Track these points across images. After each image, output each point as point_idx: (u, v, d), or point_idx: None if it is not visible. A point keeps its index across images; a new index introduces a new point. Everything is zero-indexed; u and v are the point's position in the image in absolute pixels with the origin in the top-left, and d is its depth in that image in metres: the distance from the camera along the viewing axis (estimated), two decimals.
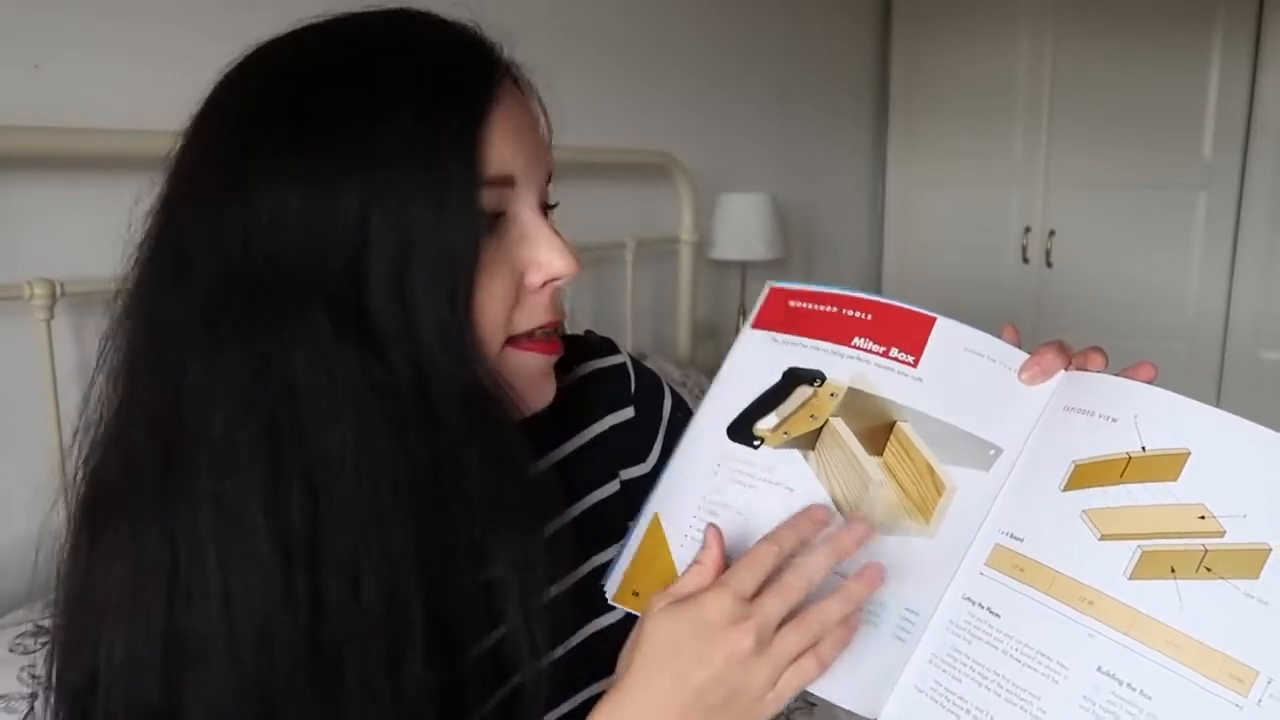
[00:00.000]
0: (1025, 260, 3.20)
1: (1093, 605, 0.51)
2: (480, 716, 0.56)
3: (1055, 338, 0.61)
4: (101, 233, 1.44)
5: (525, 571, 0.54)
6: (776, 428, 0.61)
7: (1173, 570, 0.49)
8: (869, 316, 0.62)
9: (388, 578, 0.50)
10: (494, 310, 0.54)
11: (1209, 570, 0.49)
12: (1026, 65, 3.13)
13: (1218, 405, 0.53)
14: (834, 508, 0.58)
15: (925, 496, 0.58)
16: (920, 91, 3.34)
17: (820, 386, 0.61)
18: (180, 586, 0.50)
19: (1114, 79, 2.99)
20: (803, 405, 0.61)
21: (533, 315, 0.57)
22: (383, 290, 0.50)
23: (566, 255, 0.56)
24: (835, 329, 0.63)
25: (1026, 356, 0.60)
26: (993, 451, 0.58)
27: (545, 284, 0.56)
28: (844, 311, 0.63)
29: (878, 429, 0.59)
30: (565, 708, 0.65)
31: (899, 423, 0.59)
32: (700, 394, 0.67)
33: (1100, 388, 0.57)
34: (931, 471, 0.58)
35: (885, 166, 3.46)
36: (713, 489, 0.61)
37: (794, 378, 0.62)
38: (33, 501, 0.64)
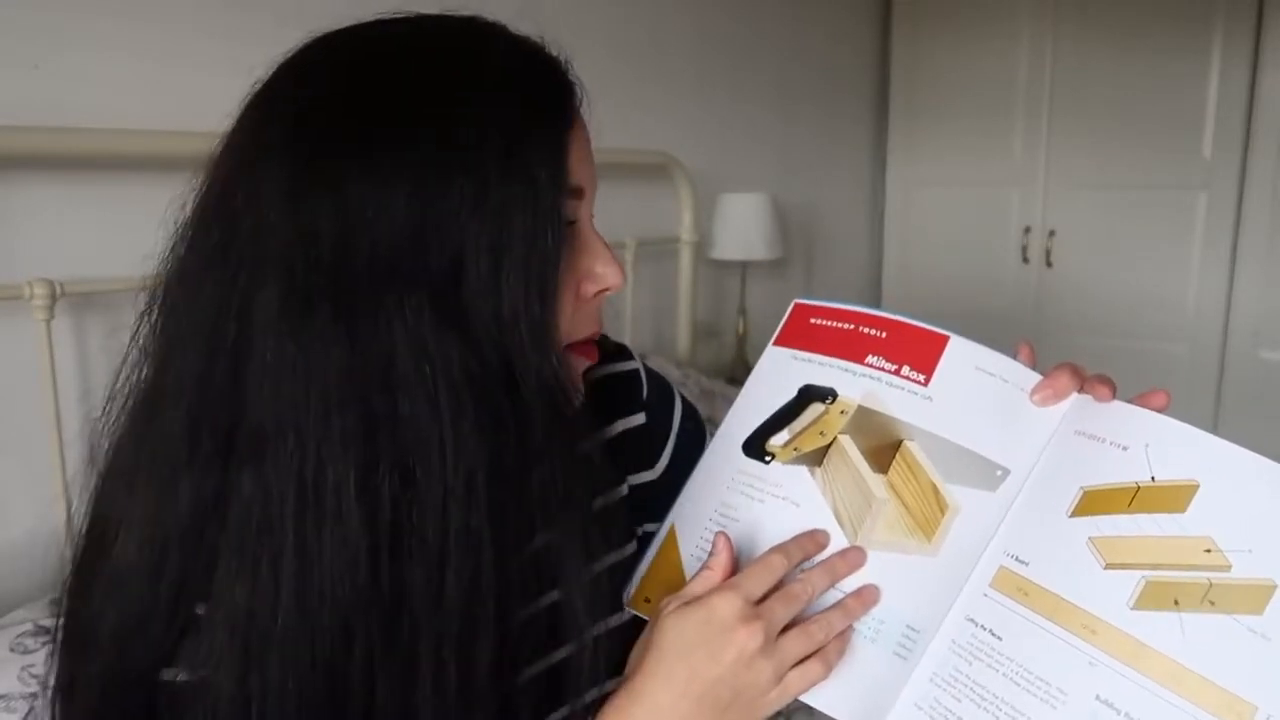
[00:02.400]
0: (1025, 260, 3.20)
1: (1095, 634, 0.51)
2: (528, 688, 0.58)
3: (1055, 338, 0.62)
4: (101, 233, 1.44)
5: (582, 551, 0.56)
6: (787, 444, 0.62)
7: (1176, 602, 0.49)
8: (883, 334, 0.63)
9: (470, 567, 0.51)
10: (562, 315, 0.56)
11: (1213, 604, 0.49)
12: (1026, 65, 3.13)
13: (1218, 406, 0.53)
14: (836, 524, 0.59)
15: (928, 515, 0.58)
16: (920, 91, 3.34)
17: (832, 404, 0.62)
18: (247, 565, 0.50)
19: (1114, 79, 2.98)
20: (814, 422, 0.62)
21: (585, 324, 0.59)
22: (479, 287, 0.51)
23: (618, 269, 0.59)
24: (850, 346, 0.64)
25: (1039, 377, 0.60)
26: (1000, 472, 0.58)
27: (596, 294, 0.59)
28: (860, 329, 0.64)
29: (884, 447, 0.60)
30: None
31: (905, 441, 0.60)
32: (700, 394, 0.68)
33: (1113, 414, 0.57)
34: (935, 491, 0.58)
35: (885, 166, 3.46)
36: (725, 503, 0.63)
37: (808, 395, 0.64)
38: (33, 501, 0.64)
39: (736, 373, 2.60)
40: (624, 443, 0.71)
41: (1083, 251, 3.11)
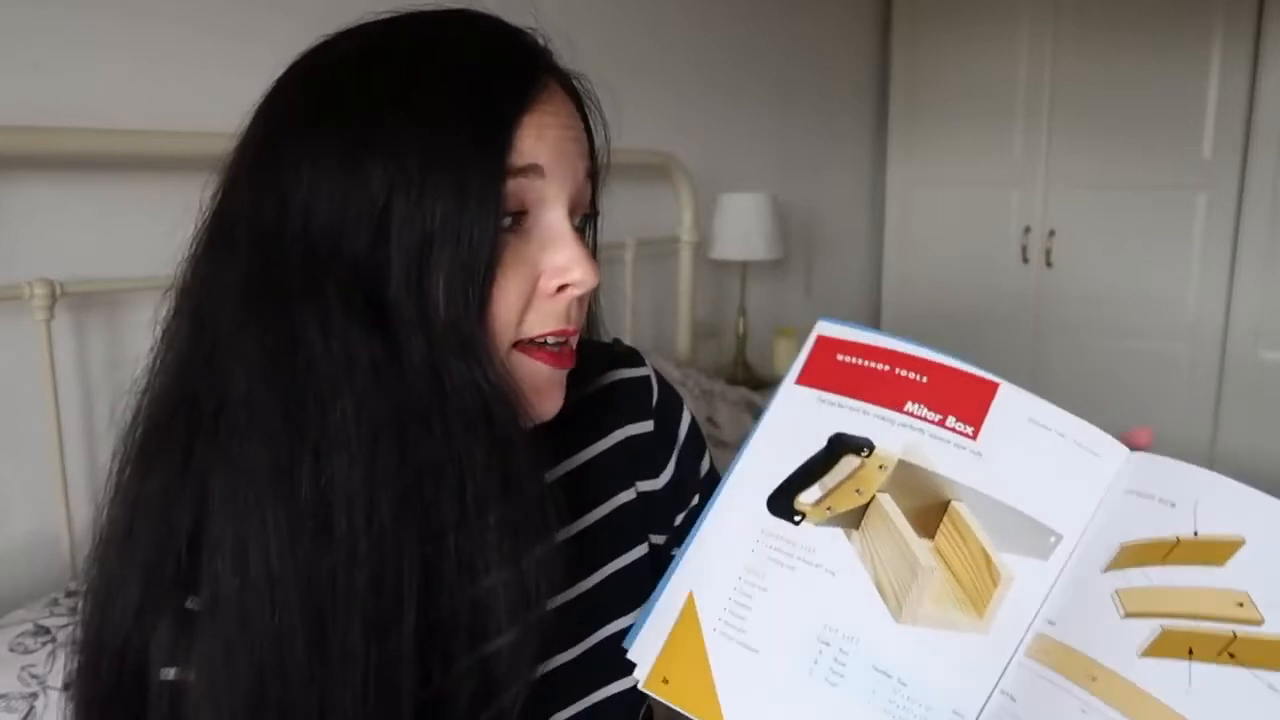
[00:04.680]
0: (1025, 260, 3.20)
1: (1095, 680, 0.48)
2: None
3: (1055, 338, 0.60)
4: (101, 233, 1.44)
5: (517, 587, 0.53)
6: (819, 502, 0.56)
7: (1190, 652, 0.46)
8: (925, 379, 0.57)
9: (377, 556, 0.50)
10: (506, 310, 0.54)
11: (1232, 656, 0.45)
12: (1026, 65, 3.13)
13: (1218, 406, 0.52)
14: (878, 596, 0.53)
15: (980, 587, 0.52)
16: (920, 91, 3.34)
17: (868, 457, 0.56)
18: (204, 535, 0.51)
19: (1114, 79, 2.99)
20: (849, 477, 0.56)
21: (544, 320, 0.55)
22: (401, 281, 0.50)
23: (585, 264, 0.55)
24: (887, 391, 0.57)
25: (1099, 433, 0.54)
26: (1053, 539, 0.52)
27: (560, 290, 0.55)
28: (897, 371, 0.58)
29: (930, 508, 0.54)
30: (578, 708, 0.65)
31: (953, 503, 0.54)
32: (700, 394, 0.66)
33: (1165, 471, 0.52)
34: (988, 560, 0.52)
35: (885, 166, 3.46)
36: (749, 568, 0.56)
37: (840, 445, 0.57)
38: (33, 502, 0.64)
39: (736, 373, 2.60)
40: (633, 448, 0.71)
41: (1083, 251, 3.11)
